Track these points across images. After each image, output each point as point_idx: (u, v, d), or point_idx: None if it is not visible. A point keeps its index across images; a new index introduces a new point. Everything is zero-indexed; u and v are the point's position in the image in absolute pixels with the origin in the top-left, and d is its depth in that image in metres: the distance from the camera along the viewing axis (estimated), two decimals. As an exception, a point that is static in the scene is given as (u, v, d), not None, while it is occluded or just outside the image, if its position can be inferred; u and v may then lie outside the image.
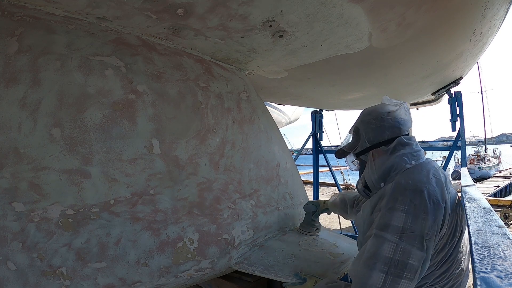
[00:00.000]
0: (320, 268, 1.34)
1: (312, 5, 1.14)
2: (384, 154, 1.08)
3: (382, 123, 1.09)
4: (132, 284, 1.18)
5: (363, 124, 1.13)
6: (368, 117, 1.13)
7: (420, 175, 0.98)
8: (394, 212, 0.92)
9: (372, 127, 1.10)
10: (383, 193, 1.02)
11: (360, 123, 1.15)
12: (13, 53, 1.08)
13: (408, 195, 0.93)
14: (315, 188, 4.68)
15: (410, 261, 0.86)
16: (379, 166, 1.08)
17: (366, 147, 1.12)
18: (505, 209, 7.27)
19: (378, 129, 1.09)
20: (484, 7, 1.38)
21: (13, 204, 1.03)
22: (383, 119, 1.09)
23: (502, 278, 0.42)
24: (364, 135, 1.12)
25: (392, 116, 1.10)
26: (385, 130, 1.09)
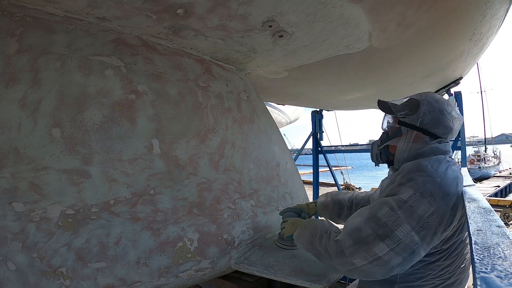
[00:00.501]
0: (320, 268, 1.34)
1: (312, 5, 1.14)
2: (424, 143, 1.07)
3: (443, 118, 1.06)
4: (132, 284, 1.18)
5: (427, 104, 1.07)
6: (434, 103, 1.08)
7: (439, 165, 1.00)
8: (404, 187, 0.95)
9: (432, 114, 1.06)
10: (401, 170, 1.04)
11: (424, 101, 1.08)
12: (13, 53, 1.08)
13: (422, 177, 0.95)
14: (315, 188, 4.68)
15: (397, 232, 0.88)
16: (413, 150, 1.07)
17: (414, 125, 1.08)
18: (505, 209, 7.28)
19: (436, 120, 1.06)
20: (484, 7, 1.38)
21: (13, 204, 1.03)
22: (445, 117, 1.07)
23: (502, 278, 0.42)
24: (421, 113, 1.07)
25: (452, 119, 1.08)
26: (440, 125, 1.06)
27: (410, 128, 1.08)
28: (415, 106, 1.08)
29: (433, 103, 1.08)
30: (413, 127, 1.08)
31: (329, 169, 4.69)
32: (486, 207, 0.75)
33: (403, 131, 1.11)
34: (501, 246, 0.53)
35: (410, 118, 1.09)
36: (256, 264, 1.42)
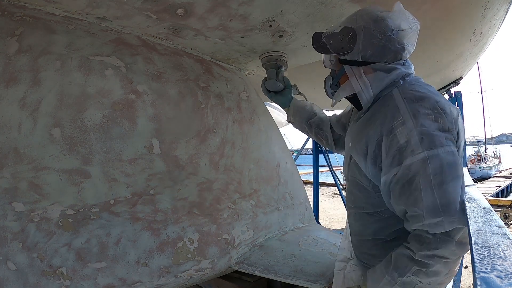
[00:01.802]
0: (320, 268, 1.34)
1: (312, 5, 1.14)
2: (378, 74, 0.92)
3: (388, 43, 0.89)
4: (132, 284, 1.18)
5: (365, 33, 0.89)
6: (373, 27, 0.89)
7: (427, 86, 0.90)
8: (425, 122, 0.80)
9: (373, 42, 0.89)
10: (387, 110, 0.88)
11: (360, 29, 0.90)
12: (13, 53, 1.08)
13: (428, 102, 0.83)
14: (315, 188, 4.68)
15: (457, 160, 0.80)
16: (376, 83, 0.92)
17: (356, 61, 0.93)
18: (505, 209, 7.28)
19: (380, 48, 0.89)
20: (484, 7, 1.38)
21: (13, 204, 1.03)
22: (390, 39, 0.89)
23: (502, 278, 0.42)
24: (360, 47, 0.91)
25: (400, 37, 0.89)
26: (387, 53, 0.90)
27: (353, 65, 0.94)
28: (351, 38, 0.91)
29: (372, 27, 0.89)
30: (356, 63, 0.93)
31: (329, 169, 4.69)
32: (486, 207, 0.75)
33: (346, 69, 0.96)
34: (501, 246, 0.53)
35: (349, 55, 0.93)
36: (256, 264, 1.42)
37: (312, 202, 4.26)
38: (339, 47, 0.94)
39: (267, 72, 1.50)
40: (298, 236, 1.66)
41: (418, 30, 0.95)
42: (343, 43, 0.93)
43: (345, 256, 1.19)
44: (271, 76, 1.47)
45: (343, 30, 0.94)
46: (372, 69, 0.93)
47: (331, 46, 0.96)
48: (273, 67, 1.50)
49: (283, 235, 1.67)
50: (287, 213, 1.78)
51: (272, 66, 1.51)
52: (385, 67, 0.92)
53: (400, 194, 0.84)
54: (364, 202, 1.02)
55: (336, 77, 1.04)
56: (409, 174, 0.80)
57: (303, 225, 1.88)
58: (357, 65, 0.94)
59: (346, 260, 1.18)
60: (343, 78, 1.01)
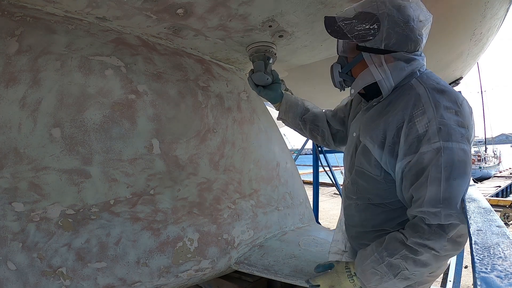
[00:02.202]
0: (320, 268, 1.34)
1: (312, 5, 1.14)
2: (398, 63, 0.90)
3: (410, 32, 0.87)
4: (132, 284, 1.18)
5: (389, 20, 0.87)
6: (397, 15, 0.86)
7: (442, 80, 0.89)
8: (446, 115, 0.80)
9: (397, 31, 0.87)
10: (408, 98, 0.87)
11: (384, 16, 0.87)
12: (13, 53, 1.08)
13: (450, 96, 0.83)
14: (315, 188, 4.68)
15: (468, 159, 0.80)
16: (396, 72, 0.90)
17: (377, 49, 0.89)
18: (505, 209, 7.27)
19: (403, 37, 0.87)
20: (484, 7, 1.38)
21: (13, 204, 1.03)
22: (413, 29, 0.87)
23: (502, 278, 0.42)
24: (384, 34, 0.87)
25: (420, 28, 0.89)
26: (409, 41, 0.88)
27: (374, 53, 0.90)
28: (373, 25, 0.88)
29: (396, 14, 0.86)
30: (377, 51, 0.90)
31: (329, 169, 4.69)
32: (486, 207, 0.75)
33: (364, 57, 0.92)
34: (501, 246, 0.53)
35: (371, 42, 0.89)
36: (256, 264, 1.42)
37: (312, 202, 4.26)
38: (361, 34, 0.89)
39: (254, 64, 1.39)
40: (298, 236, 1.66)
41: (431, 23, 0.93)
42: (366, 29, 0.88)
43: (339, 249, 1.18)
44: (259, 69, 1.35)
45: (363, 15, 0.89)
46: (393, 58, 0.90)
47: (351, 32, 0.90)
48: (261, 59, 1.38)
49: (283, 235, 1.67)
50: (287, 213, 1.78)
51: (260, 58, 1.39)
52: (406, 57, 0.90)
53: (411, 181, 0.85)
54: (370, 193, 0.99)
55: (348, 65, 1.00)
56: (423, 162, 0.81)
57: (303, 225, 1.88)
58: (377, 53, 0.90)
59: (340, 253, 1.17)
60: (357, 66, 0.97)
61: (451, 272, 3.27)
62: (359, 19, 0.90)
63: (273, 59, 1.43)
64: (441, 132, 0.79)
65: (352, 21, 0.90)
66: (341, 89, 1.08)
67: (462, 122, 0.82)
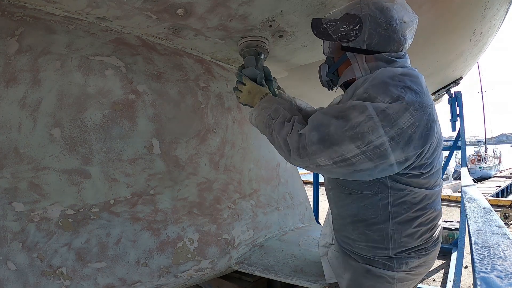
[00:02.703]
0: (320, 268, 1.34)
1: (312, 5, 1.14)
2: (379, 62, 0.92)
3: (392, 33, 0.90)
4: (132, 284, 1.18)
5: (371, 22, 0.90)
6: (379, 16, 0.90)
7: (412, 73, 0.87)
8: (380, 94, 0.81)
9: (379, 32, 0.90)
10: (370, 77, 0.88)
11: (366, 17, 0.90)
12: (13, 53, 1.08)
13: (400, 86, 0.82)
14: (315, 188, 4.67)
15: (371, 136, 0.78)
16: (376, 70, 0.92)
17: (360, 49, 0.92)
18: (505, 209, 7.27)
19: (386, 38, 0.90)
20: (484, 7, 1.38)
21: (13, 204, 1.03)
22: (395, 30, 0.90)
23: (502, 278, 0.42)
24: (366, 35, 0.91)
25: (403, 28, 0.91)
26: (391, 42, 0.91)
27: (357, 53, 0.94)
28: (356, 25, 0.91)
29: (378, 16, 0.89)
30: (360, 51, 0.93)
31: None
32: (486, 207, 0.75)
33: (349, 56, 0.96)
34: (501, 246, 0.53)
35: (354, 42, 0.92)
36: (256, 264, 1.42)
37: (312, 202, 4.26)
38: (344, 34, 0.93)
39: (245, 59, 1.31)
40: (298, 236, 1.66)
41: (416, 24, 0.96)
42: (349, 30, 0.92)
43: (327, 242, 1.21)
44: (250, 64, 1.28)
45: (347, 17, 0.93)
46: (374, 58, 0.93)
47: (335, 33, 0.95)
48: (252, 54, 1.32)
49: (283, 235, 1.67)
50: (287, 213, 1.78)
51: (251, 53, 1.32)
52: (386, 58, 0.92)
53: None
54: (338, 181, 1.03)
55: (334, 65, 1.04)
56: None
57: (303, 225, 1.88)
58: (359, 52, 0.94)
59: (327, 246, 1.20)
60: (342, 66, 1.00)
61: (451, 272, 3.27)
62: (343, 21, 0.94)
63: (264, 54, 1.37)
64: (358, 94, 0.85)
65: (337, 22, 0.95)
66: (329, 89, 1.12)
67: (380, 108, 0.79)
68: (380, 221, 0.94)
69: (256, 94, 1.17)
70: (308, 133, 0.86)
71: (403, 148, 0.80)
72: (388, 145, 0.79)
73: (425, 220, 0.95)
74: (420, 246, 0.97)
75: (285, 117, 0.99)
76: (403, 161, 0.83)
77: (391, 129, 0.78)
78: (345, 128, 0.81)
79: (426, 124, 0.81)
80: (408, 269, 0.97)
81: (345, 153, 0.81)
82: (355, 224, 1.00)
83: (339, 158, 0.82)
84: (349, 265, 1.05)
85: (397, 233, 0.94)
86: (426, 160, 0.89)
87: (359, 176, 0.87)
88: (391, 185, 0.91)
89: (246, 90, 1.20)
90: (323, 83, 1.10)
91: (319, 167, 0.87)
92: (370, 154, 0.80)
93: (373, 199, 0.94)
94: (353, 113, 0.81)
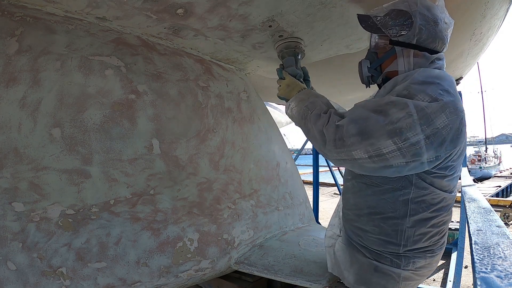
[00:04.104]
0: (320, 268, 1.34)
1: (312, 5, 1.14)
2: (426, 59, 0.95)
3: (439, 30, 0.94)
4: (132, 284, 1.18)
5: (421, 17, 0.93)
6: (428, 13, 0.94)
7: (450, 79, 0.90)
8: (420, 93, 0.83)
9: (428, 28, 0.93)
10: (409, 76, 0.90)
11: (416, 13, 0.93)
12: (13, 53, 1.08)
13: (439, 89, 0.84)
14: (315, 188, 4.67)
15: (409, 133, 0.79)
16: (418, 67, 0.95)
17: (410, 44, 0.94)
18: (505, 209, 7.27)
19: (433, 34, 0.94)
20: (484, 7, 1.38)
21: (13, 204, 1.03)
22: (442, 29, 0.94)
23: (502, 278, 0.42)
24: (417, 30, 0.93)
25: (447, 29, 0.96)
26: (437, 39, 0.95)
27: (406, 47, 0.96)
28: (407, 21, 0.94)
29: (426, 13, 0.94)
30: (410, 45, 0.95)
31: (329, 169, 4.69)
32: (486, 207, 0.75)
33: (397, 50, 0.97)
34: (501, 246, 0.53)
35: (404, 36, 0.95)
36: (256, 264, 1.42)
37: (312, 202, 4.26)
38: (396, 28, 0.96)
39: (285, 60, 1.36)
40: (298, 236, 1.66)
41: (452, 28, 1.00)
42: (400, 24, 0.95)
43: (334, 233, 1.21)
44: (290, 64, 1.33)
45: (395, 12, 0.96)
46: (421, 55, 0.96)
47: (385, 26, 0.97)
48: (291, 55, 1.36)
49: (283, 235, 1.67)
50: (287, 213, 1.78)
51: (290, 54, 1.37)
52: (429, 57, 0.95)
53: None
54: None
55: (378, 60, 1.04)
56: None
57: (303, 225, 1.88)
58: (409, 47, 0.96)
59: (335, 237, 1.19)
60: (387, 61, 1.02)
61: (451, 272, 3.27)
62: (391, 16, 0.97)
63: (301, 55, 1.42)
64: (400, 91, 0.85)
65: (385, 17, 0.98)
66: (368, 85, 1.12)
67: (420, 106, 0.81)
68: (398, 216, 0.95)
69: (294, 88, 1.20)
70: (346, 125, 0.87)
71: (436, 148, 0.82)
72: (423, 144, 0.80)
73: (438, 222, 0.97)
74: (428, 247, 0.99)
75: (321, 109, 1.00)
76: (433, 161, 0.85)
77: (427, 128, 0.80)
78: (385, 123, 0.82)
79: (458, 127, 0.83)
80: (414, 268, 0.99)
81: (382, 147, 0.82)
82: (371, 216, 1.00)
83: (374, 153, 0.83)
84: (356, 259, 1.05)
85: (411, 230, 0.95)
86: (452, 163, 0.91)
87: (387, 172, 0.88)
88: (416, 183, 0.92)
89: (285, 84, 1.24)
90: (363, 79, 1.10)
91: (353, 160, 0.87)
92: (405, 150, 0.81)
93: (395, 193, 0.95)
94: (393, 108, 0.82)
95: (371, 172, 0.91)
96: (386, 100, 0.85)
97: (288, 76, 1.26)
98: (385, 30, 0.97)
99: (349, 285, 1.08)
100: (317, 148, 0.97)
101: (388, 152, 0.82)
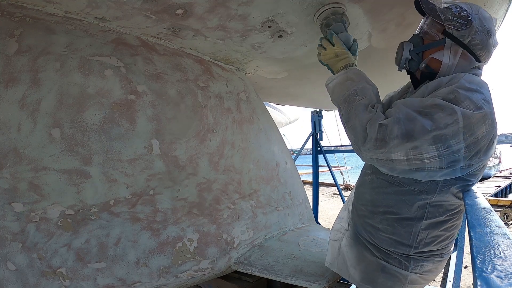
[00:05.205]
0: (320, 268, 1.34)
1: (312, 5, 1.14)
2: (470, 63, 0.94)
3: (490, 41, 0.94)
4: (132, 284, 1.18)
5: (479, 22, 0.92)
6: (484, 21, 0.93)
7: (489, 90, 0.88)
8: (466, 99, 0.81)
9: (482, 34, 0.92)
10: (456, 78, 0.88)
11: (476, 17, 0.92)
12: (13, 53, 1.08)
13: (483, 98, 0.83)
14: (315, 188, 4.67)
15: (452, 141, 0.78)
16: (460, 69, 0.93)
17: (461, 42, 0.93)
18: (505, 209, 7.27)
19: (484, 42, 0.93)
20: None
21: (13, 205, 1.03)
22: (492, 42, 0.94)
23: (502, 278, 0.42)
24: (473, 31, 0.92)
25: (495, 46, 0.96)
26: (485, 48, 0.94)
27: (457, 43, 0.93)
28: (466, 20, 0.92)
29: (484, 21, 0.93)
30: (461, 43, 0.93)
31: (328, 169, 4.69)
32: (486, 207, 0.75)
33: (447, 43, 0.95)
34: (501, 246, 0.53)
35: (460, 33, 0.92)
36: (255, 264, 1.42)
37: (312, 202, 4.26)
38: (456, 22, 0.93)
39: (333, 26, 1.17)
40: (298, 236, 1.66)
41: (495, 48, 0.99)
42: (460, 18, 0.93)
43: (342, 226, 1.19)
44: (341, 30, 1.16)
45: (456, 7, 0.94)
46: (468, 58, 0.94)
47: (444, 14, 0.94)
48: (339, 21, 1.18)
49: (283, 235, 1.67)
50: (286, 213, 1.78)
51: (338, 20, 1.18)
52: (473, 63, 0.94)
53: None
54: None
55: (423, 46, 1.00)
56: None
57: (303, 225, 1.88)
58: (459, 45, 0.94)
59: (343, 231, 1.17)
60: (432, 50, 0.98)
61: (451, 272, 3.27)
62: (454, 10, 0.94)
63: (348, 23, 1.25)
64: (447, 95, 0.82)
65: (447, 7, 0.95)
66: (400, 69, 1.06)
67: (466, 115, 0.79)
68: (414, 218, 0.94)
69: (343, 60, 1.09)
70: (391, 126, 0.83)
71: (471, 158, 0.82)
72: (463, 152, 0.80)
73: (450, 225, 0.97)
74: (437, 252, 0.98)
75: (371, 101, 0.94)
76: (466, 168, 0.85)
77: (469, 137, 0.79)
78: (432, 128, 0.79)
79: (491, 139, 0.84)
80: (421, 272, 0.98)
81: (424, 152, 0.80)
82: (386, 215, 0.99)
83: (415, 156, 0.81)
84: (364, 257, 1.04)
85: (424, 233, 0.94)
86: (478, 172, 0.91)
87: (418, 175, 0.86)
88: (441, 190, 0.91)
89: (333, 51, 1.10)
90: (399, 61, 1.04)
91: (389, 161, 0.85)
92: (444, 157, 0.80)
93: (416, 196, 0.93)
94: (440, 113, 0.80)
95: (401, 173, 0.89)
96: (431, 102, 0.83)
97: (339, 44, 1.11)
98: (444, 18, 0.94)
99: (353, 281, 1.07)
100: (353, 142, 0.92)
101: (428, 157, 0.80)
